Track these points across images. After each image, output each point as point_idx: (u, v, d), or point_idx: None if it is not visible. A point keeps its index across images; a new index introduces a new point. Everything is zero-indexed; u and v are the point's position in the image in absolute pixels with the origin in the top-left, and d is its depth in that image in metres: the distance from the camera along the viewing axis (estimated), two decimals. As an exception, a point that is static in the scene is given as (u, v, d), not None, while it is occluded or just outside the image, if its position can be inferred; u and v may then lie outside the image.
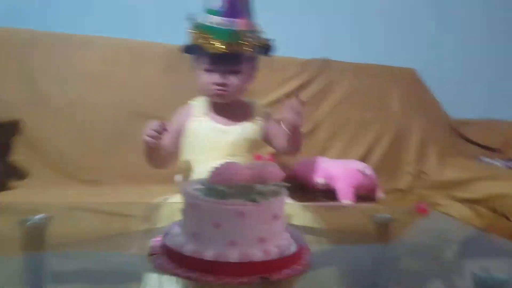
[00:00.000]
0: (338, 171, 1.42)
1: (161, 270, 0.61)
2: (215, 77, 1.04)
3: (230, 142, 1.08)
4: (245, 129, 1.11)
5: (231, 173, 0.62)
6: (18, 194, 1.29)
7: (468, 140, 1.95)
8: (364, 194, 1.47)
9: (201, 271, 0.59)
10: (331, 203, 1.36)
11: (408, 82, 1.87)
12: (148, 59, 1.59)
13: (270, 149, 1.36)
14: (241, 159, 1.06)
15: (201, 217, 0.62)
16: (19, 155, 1.43)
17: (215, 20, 0.99)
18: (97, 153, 1.49)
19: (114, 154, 1.50)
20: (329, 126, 1.73)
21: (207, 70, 1.04)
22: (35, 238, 0.78)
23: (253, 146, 1.13)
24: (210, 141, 1.08)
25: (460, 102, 1.99)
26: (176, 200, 1.07)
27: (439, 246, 0.92)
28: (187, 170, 1.12)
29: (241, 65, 1.05)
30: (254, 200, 0.60)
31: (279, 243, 0.64)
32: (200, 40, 1.00)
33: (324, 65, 1.77)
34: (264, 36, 1.07)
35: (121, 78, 1.55)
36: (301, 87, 1.72)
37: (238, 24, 1.00)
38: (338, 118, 1.74)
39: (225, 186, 0.61)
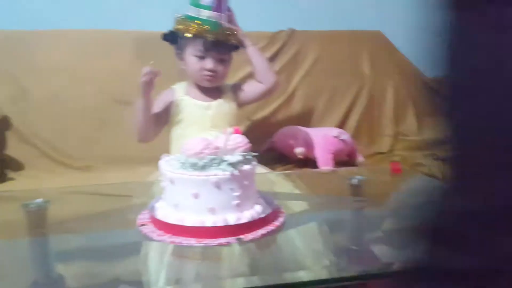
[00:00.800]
0: (316, 139, 1.49)
1: (149, 237, 0.69)
2: (208, 64, 1.16)
3: (211, 116, 1.20)
4: (222, 104, 1.24)
5: (201, 146, 0.69)
6: (16, 184, 1.38)
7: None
8: (344, 160, 1.56)
9: (184, 236, 0.67)
10: (310, 170, 1.44)
11: (377, 44, 1.90)
12: (121, 47, 1.64)
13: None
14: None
15: (181, 189, 0.69)
16: (13, 149, 1.50)
17: (206, 14, 1.12)
18: (84, 140, 1.56)
19: (100, 140, 1.57)
20: (303, 96, 1.78)
21: (199, 57, 1.15)
22: (37, 220, 0.85)
23: (232, 118, 1.25)
24: (193, 117, 1.19)
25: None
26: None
27: (418, 204, 0.99)
28: (174, 146, 1.22)
29: (228, 54, 1.19)
30: (226, 170, 0.68)
31: (254, 208, 0.72)
32: (193, 29, 1.11)
33: (291, 36, 1.81)
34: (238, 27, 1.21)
35: (97, 67, 1.60)
36: (271, 59, 1.74)
37: (224, 18, 1.14)
38: (311, 87, 1.79)
39: (198, 159, 0.68)
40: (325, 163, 1.45)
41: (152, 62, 1.14)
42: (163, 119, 1.23)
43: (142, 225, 0.73)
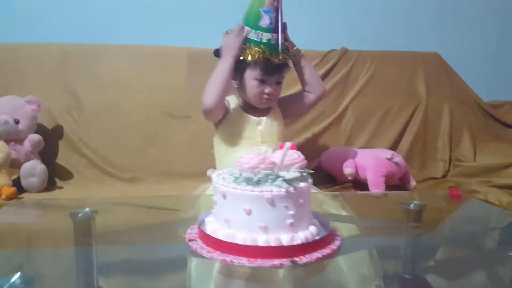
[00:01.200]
0: (367, 160, 1.42)
1: (198, 253, 0.65)
2: (268, 88, 1.14)
3: (262, 132, 1.17)
4: (272, 119, 1.21)
5: (256, 160, 0.66)
6: (65, 192, 1.41)
7: (503, 124, 1.89)
8: (396, 184, 1.48)
9: (234, 254, 0.63)
10: (361, 193, 1.37)
11: (434, 66, 1.82)
12: (174, 63, 1.67)
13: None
14: (271, 146, 1.13)
15: (233, 204, 0.66)
16: (63, 158, 1.55)
17: (266, 36, 1.10)
18: (132, 152, 1.58)
19: (148, 153, 1.59)
20: (354, 115, 1.73)
21: (259, 80, 1.13)
22: (84, 229, 0.84)
23: (281, 134, 1.23)
24: (245, 131, 1.17)
25: (491, 84, 1.94)
26: (211, 191, 1.14)
27: (478, 233, 0.91)
28: (222, 160, 1.20)
29: (284, 75, 1.18)
30: (282, 187, 0.63)
31: (308, 228, 0.67)
32: (255, 54, 1.10)
33: (343, 55, 1.77)
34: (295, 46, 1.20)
35: (149, 82, 1.64)
36: (322, 78, 1.69)
37: (282, 37, 1.12)
38: (363, 107, 1.74)
39: (252, 174, 0.65)
40: (376, 186, 1.37)
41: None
42: (223, 111, 1.19)
43: (191, 240, 0.70)
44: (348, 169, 1.40)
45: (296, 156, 0.68)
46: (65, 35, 1.65)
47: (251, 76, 1.13)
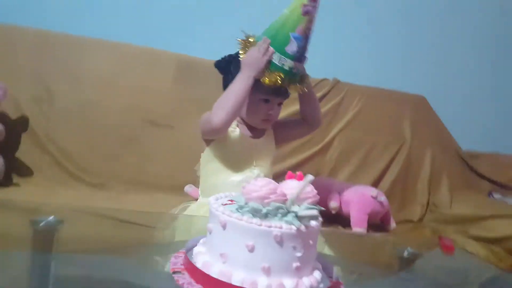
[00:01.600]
0: (352, 196, 1.38)
1: (186, 291, 0.56)
2: (272, 108, 1.08)
3: (257, 154, 1.10)
4: (266, 142, 1.14)
5: (267, 190, 0.58)
6: (23, 191, 1.27)
7: (478, 174, 1.92)
8: (376, 223, 1.44)
9: (230, 297, 0.54)
10: (343, 231, 1.31)
11: (419, 109, 1.84)
12: (160, 67, 1.57)
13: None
14: (263, 170, 1.10)
15: (233, 237, 0.57)
16: (25, 152, 1.40)
17: (288, 64, 1.00)
18: (104, 156, 1.46)
19: (121, 159, 1.47)
20: (340, 147, 1.70)
21: (264, 100, 1.06)
22: (45, 239, 0.74)
23: (272, 158, 1.18)
24: (240, 151, 1.09)
25: (469, 133, 1.97)
26: (193, 211, 1.04)
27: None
28: (207, 179, 1.11)
29: (288, 97, 1.10)
30: (292, 224, 0.56)
31: (313, 273, 0.60)
32: (273, 79, 1.00)
33: (334, 86, 1.75)
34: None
35: (132, 84, 1.53)
36: None
37: (301, 67, 1.04)
38: (349, 140, 1.72)
39: (261, 205, 0.57)
40: (359, 223, 1.33)
41: None
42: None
43: (175, 272, 0.60)
44: (332, 203, 1.35)
45: (309, 189, 0.61)
46: (44, 21, 1.51)
47: (256, 95, 1.04)
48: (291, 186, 0.61)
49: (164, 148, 1.49)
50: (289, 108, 1.42)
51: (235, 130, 1.09)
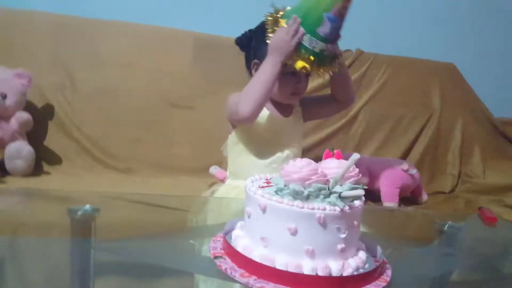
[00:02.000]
0: (381, 170, 1.34)
1: (229, 276, 0.55)
2: (299, 81, 1.02)
3: (286, 133, 1.07)
4: (295, 120, 1.10)
5: (308, 171, 0.56)
6: (54, 179, 1.28)
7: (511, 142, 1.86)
8: (406, 196, 1.41)
9: (274, 282, 0.53)
10: (374, 206, 1.29)
11: (449, 77, 1.76)
12: (178, 47, 1.54)
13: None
14: (293, 150, 1.08)
15: (274, 220, 0.55)
16: (52, 140, 1.41)
17: (320, 46, 0.92)
18: (128, 141, 1.45)
19: (145, 143, 1.47)
20: (365, 121, 1.65)
21: (290, 73, 1.00)
22: (83, 227, 0.73)
23: (301, 136, 1.15)
24: (269, 132, 1.05)
25: (502, 100, 1.89)
26: (223, 193, 1.03)
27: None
28: (236, 160, 1.09)
29: None
30: (336, 205, 0.54)
31: (358, 254, 0.58)
32: (303, 63, 0.94)
33: (358, 57, 1.68)
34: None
35: (151, 65, 1.50)
36: None
37: (332, 49, 0.96)
38: (375, 113, 1.66)
39: (302, 186, 0.55)
40: (390, 198, 1.30)
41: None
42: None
43: (216, 257, 0.59)
44: (362, 178, 1.31)
45: (351, 168, 0.58)
46: (64, 6, 1.49)
47: (281, 71, 0.98)
48: (331, 166, 0.58)
49: (186, 130, 1.48)
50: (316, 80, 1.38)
51: (263, 110, 1.06)
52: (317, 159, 1.58)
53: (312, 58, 0.93)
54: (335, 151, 0.62)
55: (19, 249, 0.73)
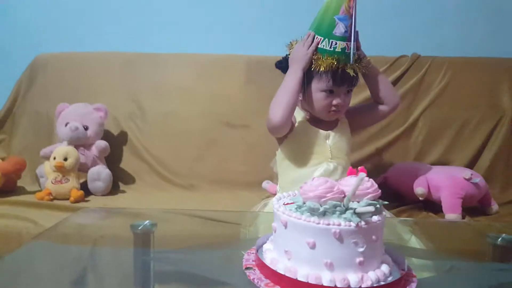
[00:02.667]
0: (442, 180, 1.28)
1: (256, 286, 0.60)
2: (336, 99, 1.06)
3: (331, 146, 1.10)
4: (341, 132, 1.12)
5: (323, 189, 0.59)
6: (127, 197, 1.45)
7: None
8: (474, 206, 1.33)
9: (295, 292, 0.57)
10: (435, 219, 1.24)
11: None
12: (232, 71, 1.65)
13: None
14: (341, 162, 1.10)
15: (295, 235, 0.60)
16: (127, 163, 1.60)
17: (340, 45, 1.03)
18: (190, 160, 1.59)
19: (205, 160, 1.59)
20: (426, 128, 1.59)
21: (327, 91, 1.06)
22: (144, 240, 0.84)
23: (349, 148, 1.16)
24: (313, 146, 1.09)
25: None
26: (272, 207, 1.09)
27: None
28: (285, 176, 1.14)
29: (354, 84, 1.08)
30: (351, 221, 0.56)
31: (380, 268, 0.59)
32: (327, 63, 1.02)
33: (414, 62, 1.63)
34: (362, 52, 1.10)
35: (208, 89, 1.64)
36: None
37: (354, 46, 1.04)
38: (437, 119, 1.59)
39: (318, 204, 0.58)
40: (452, 209, 1.24)
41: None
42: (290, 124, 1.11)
43: (248, 268, 0.65)
44: (419, 189, 1.27)
45: (369, 185, 0.60)
46: (131, 44, 1.71)
47: (317, 88, 1.06)
48: (349, 183, 0.61)
49: (241, 147, 1.57)
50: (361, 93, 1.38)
51: (304, 125, 1.10)
52: (376, 169, 1.57)
53: (336, 57, 1.02)
54: (359, 168, 0.64)
55: (97, 259, 0.85)
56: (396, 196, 1.42)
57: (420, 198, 1.28)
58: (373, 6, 1.70)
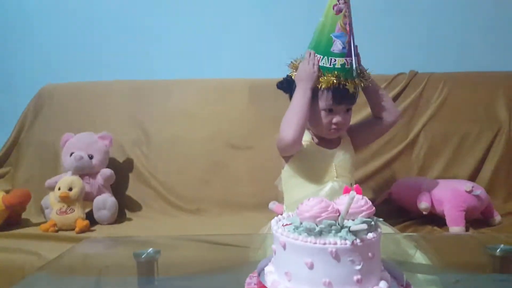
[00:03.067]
0: (444, 193, 1.29)
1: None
2: (336, 118, 1.08)
3: (336, 165, 1.11)
4: (344, 150, 1.14)
5: (318, 209, 0.61)
6: (133, 224, 1.46)
7: None
8: (477, 218, 1.33)
9: (296, 312, 0.58)
10: (440, 233, 1.24)
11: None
12: (235, 94, 1.69)
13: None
14: (346, 180, 1.11)
15: (293, 256, 0.61)
16: (133, 190, 1.62)
17: (339, 62, 1.05)
18: (196, 184, 1.61)
19: (211, 184, 1.60)
20: (427, 142, 1.60)
21: (327, 110, 1.08)
22: (148, 267, 0.85)
23: (353, 165, 1.17)
24: (319, 164, 1.11)
25: None
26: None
27: None
28: (291, 195, 1.15)
29: (354, 102, 1.10)
30: (346, 239, 0.58)
31: (378, 284, 0.60)
32: (327, 81, 1.04)
33: (412, 79, 1.66)
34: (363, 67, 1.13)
35: (212, 113, 1.67)
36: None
37: (355, 61, 1.06)
38: (437, 133, 1.61)
39: (314, 223, 0.60)
40: (455, 222, 1.24)
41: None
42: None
43: (249, 291, 0.67)
44: (423, 203, 1.28)
45: (363, 203, 0.62)
46: (135, 72, 1.76)
47: (316, 107, 1.08)
48: (344, 202, 0.63)
49: (247, 169, 1.59)
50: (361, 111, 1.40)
51: (308, 143, 1.12)
52: (380, 185, 1.58)
53: (336, 73, 1.04)
54: (354, 186, 0.66)
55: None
56: (401, 211, 1.43)
57: (424, 213, 1.29)
58: (371, 25, 1.75)
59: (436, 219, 1.33)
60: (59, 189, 1.37)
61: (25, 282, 0.85)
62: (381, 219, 0.63)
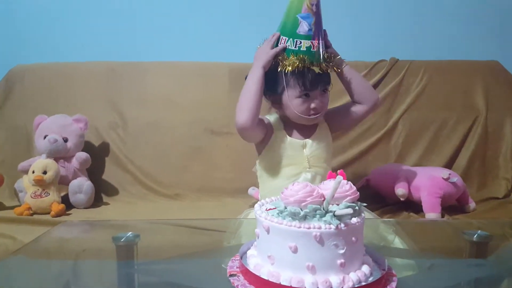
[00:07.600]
0: (421, 180, 1.32)
1: (240, 293, 0.61)
2: (314, 102, 1.05)
3: (308, 155, 1.08)
4: (319, 138, 1.10)
5: (303, 194, 0.60)
6: (111, 209, 1.43)
7: None
8: (452, 205, 1.36)
9: (279, 296, 0.58)
10: (416, 218, 1.27)
11: (493, 75, 1.68)
12: (215, 78, 1.66)
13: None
14: (319, 170, 1.09)
15: (277, 240, 0.61)
16: (110, 174, 1.58)
17: (305, 44, 1.01)
18: (175, 169, 1.58)
19: (190, 169, 1.58)
20: (405, 130, 1.63)
21: (303, 96, 1.04)
22: (127, 252, 0.83)
23: (329, 154, 1.14)
24: (289, 156, 1.08)
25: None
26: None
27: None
28: (265, 186, 1.13)
29: (329, 83, 1.07)
30: (331, 223, 0.58)
31: (361, 268, 0.61)
32: (294, 64, 1.00)
33: (393, 66, 1.67)
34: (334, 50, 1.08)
35: (191, 98, 1.64)
36: None
37: (322, 44, 1.02)
38: (415, 121, 1.63)
39: (299, 208, 0.59)
40: (431, 208, 1.27)
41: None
42: (262, 130, 1.09)
43: (232, 275, 0.66)
44: (400, 190, 1.30)
45: (347, 187, 0.62)
46: (111, 54, 1.70)
47: (293, 95, 1.04)
48: (328, 187, 0.62)
49: (226, 154, 1.58)
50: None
51: (279, 135, 1.09)
52: (358, 172, 1.59)
53: (301, 56, 1.00)
54: (338, 171, 0.66)
55: (79, 273, 0.84)
56: (378, 197, 1.45)
57: (401, 199, 1.31)
58: (353, 13, 1.75)
59: (412, 205, 1.36)
60: (33, 172, 1.33)
61: (1, 265, 0.82)
62: (365, 204, 0.63)
